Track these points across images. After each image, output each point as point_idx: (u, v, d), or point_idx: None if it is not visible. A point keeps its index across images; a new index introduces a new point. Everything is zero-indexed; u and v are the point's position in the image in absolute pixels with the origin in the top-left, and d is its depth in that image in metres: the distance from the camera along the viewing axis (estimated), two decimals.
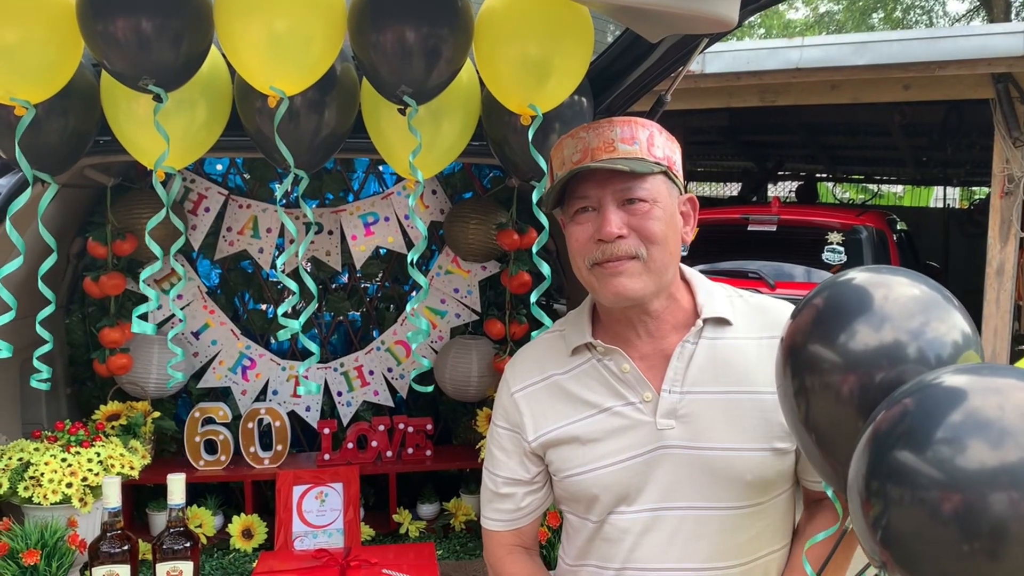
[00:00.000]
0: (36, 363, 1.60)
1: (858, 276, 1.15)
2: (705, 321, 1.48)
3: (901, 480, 0.92)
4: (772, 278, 6.29)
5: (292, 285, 1.57)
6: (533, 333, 1.84)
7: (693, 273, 1.56)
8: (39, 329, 1.61)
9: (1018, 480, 0.85)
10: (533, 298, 1.77)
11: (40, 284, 1.57)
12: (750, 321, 1.51)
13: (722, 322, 1.49)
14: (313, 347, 1.61)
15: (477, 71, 1.63)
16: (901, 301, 1.09)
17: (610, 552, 1.49)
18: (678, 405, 1.45)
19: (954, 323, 1.08)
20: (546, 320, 1.71)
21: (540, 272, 2.89)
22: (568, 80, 1.58)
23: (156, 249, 1.62)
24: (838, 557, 1.39)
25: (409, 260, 1.71)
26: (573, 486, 1.50)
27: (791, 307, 1.55)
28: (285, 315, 1.65)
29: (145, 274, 1.71)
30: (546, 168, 1.62)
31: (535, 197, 1.66)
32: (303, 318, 1.59)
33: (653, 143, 1.43)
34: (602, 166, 1.39)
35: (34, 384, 1.63)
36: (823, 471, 1.16)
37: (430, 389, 1.95)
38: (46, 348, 1.63)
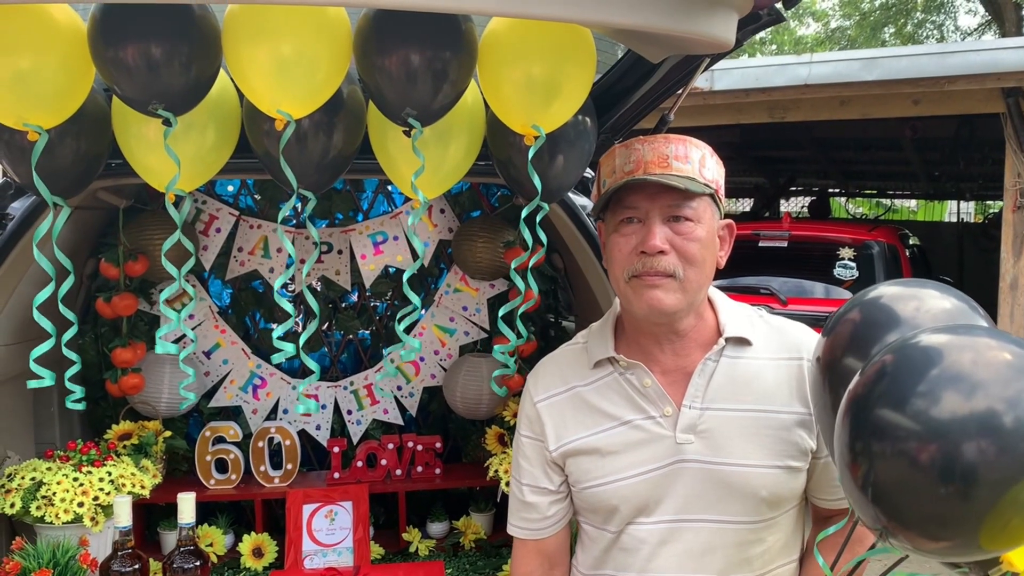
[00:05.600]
0: (68, 384, 1.65)
1: (888, 290, 1.21)
2: (727, 340, 1.51)
3: (882, 435, 0.99)
4: (784, 294, 6.27)
5: (289, 308, 1.59)
6: (495, 347, 1.84)
7: (716, 292, 1.59)
8: (65, 351, 1.64)
9: (987, 428, 0.93)
10: (502, 312, 1.78)
11: (60, 306, 1.60)
12: (769, 342, 1.54)
13: (743, 342, 1.52)
14: (313, 365, 1.62)
15: (481, 92, 1.65)
16: (932, 313, 1.15)
17: (626, 562, 1.52)
18: (698, 421, 1.48)
19: None
20: (510, 335, 1.72)
21: (548, 290, 2.91)
22: (571, 100, 1.59)
23: (172, 270, 1.65)
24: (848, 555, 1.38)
25: (405, 278, 1.71)
26: (592, 497, 1.53)
27: (808, 329, 1.57)
28: (284, 338, 1.66)
29: (164, 295, 1.73)
30: (530, 186, 1.63)
31: (524, 213, 1.67)
32: (302, 339, 1.60)
33: (704, 164, 1.47)
34: (657, 179, 1.42)
35: (69, 405, 1.68)
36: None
37: (417, 344, 1.97)
38: (75, 368, 1.68)
